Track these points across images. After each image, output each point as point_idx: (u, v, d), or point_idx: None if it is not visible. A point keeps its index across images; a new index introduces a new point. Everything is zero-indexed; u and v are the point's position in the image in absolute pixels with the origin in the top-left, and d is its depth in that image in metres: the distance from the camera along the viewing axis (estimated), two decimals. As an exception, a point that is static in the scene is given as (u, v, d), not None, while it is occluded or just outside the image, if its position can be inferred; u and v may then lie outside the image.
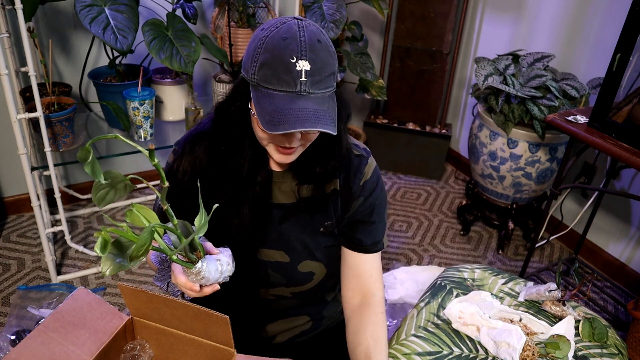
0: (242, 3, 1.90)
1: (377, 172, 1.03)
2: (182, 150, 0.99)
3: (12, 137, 1.67)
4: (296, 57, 0.78)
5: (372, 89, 2.40)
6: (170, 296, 0.79)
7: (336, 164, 0.95)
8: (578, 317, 1.13)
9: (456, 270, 1.28)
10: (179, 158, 0.99)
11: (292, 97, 0.79)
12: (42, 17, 1.96)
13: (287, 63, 0.78)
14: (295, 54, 0.78)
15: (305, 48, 0.79)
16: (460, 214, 2.45)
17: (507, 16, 2.43)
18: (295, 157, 0.90)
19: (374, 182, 1.01)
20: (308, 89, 0.79)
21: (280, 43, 0.79)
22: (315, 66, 0.79)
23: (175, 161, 1.00)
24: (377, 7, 2.11)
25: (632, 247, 2.05)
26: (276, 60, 0.79)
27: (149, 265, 0.94)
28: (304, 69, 0.78)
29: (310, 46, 0.79)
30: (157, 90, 1.96)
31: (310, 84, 0.79)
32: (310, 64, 0.79)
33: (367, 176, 1.00)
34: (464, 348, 1.04)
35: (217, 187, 0.95)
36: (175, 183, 0.98)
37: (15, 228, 2.20)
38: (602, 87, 1.48)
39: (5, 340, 1.56)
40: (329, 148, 0.93)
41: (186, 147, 0.99)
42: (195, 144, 0.98)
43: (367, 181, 1.00)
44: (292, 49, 0.78)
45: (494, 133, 2.09)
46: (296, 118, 0.78)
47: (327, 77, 0.82)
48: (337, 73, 0.86)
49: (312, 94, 0.80)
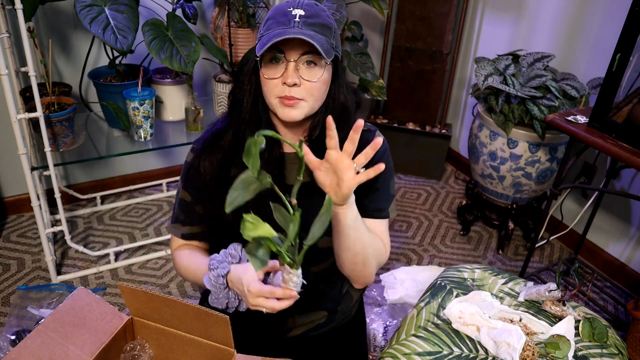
0: (242, 3, 1.90)
1: (385, 144, 1.07)
2: (202, 148, 1.02)
3: (12, 137, 1.67)
4: (293, 7, 0.91)
5: (372, 89, 2.40)
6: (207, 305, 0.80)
7: (343, 135, 0.95)
8: (578, 317, 1.13)
9: (456, 270, 1.29)
10: (200, 155, 1.02)
11: (285, 30, 0.89)
12: (42, 17, 1.96)
13: (285, 11, 0.91)
14: (292, 5, 0.91)
15: (302, 3, 0.92)
16: (460, 214, 2.45)
17: (507, 16, 2.43)
18: (298, 112, 0.93)
19: (382, 152, 1.05)
20: (301, 27, 0.89)
21: (282, 3, 0.93)
22: (309, 13, 0.90)
23: (196, 158, 1.03)
24: (377, 7, 2.11)
25: (632, 247, 2.05)
26: (276, 11, 0.92)
27: (195, 283, 0.97)
28: (299, 14, 0.90)
29: (308, 3, 0.92)
30: (157, 90, 1.96)
31: (304, 24, 0.89)
32: (305, 11, 0.90)
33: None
34: (464, 348, 1.04)
35: (235, 160, 0.98)
36: (198, 180, 1.02)
37: (15, 228, 2.20)
38: (602, 87, 1.48)
39: (5, 340, 1.56)
40: (337, 117, 0.94)
41: (206, 144, 1.02)
42: (216, 141, 1.01)
43: (377, 152, 1.02)
44: (290, 3, 0.92)
45: (494, 133, 2.09)
46: (284, 35, 0.87)
47: (321, 25, 0.91)
48: (336, 33, 0.95)
49: (304, 30, 0.89)
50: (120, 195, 2.46)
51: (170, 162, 2.56)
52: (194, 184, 1.04)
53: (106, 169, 2.41)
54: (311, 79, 0.92)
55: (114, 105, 1.82)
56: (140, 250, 2.13)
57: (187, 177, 1.05)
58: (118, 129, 1.95)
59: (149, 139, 1.87)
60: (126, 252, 2.10)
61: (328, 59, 0.90)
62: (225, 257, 0.93)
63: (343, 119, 0.97)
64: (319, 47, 0.87)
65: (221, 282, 0.91)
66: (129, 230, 2.25)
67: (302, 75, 0.92)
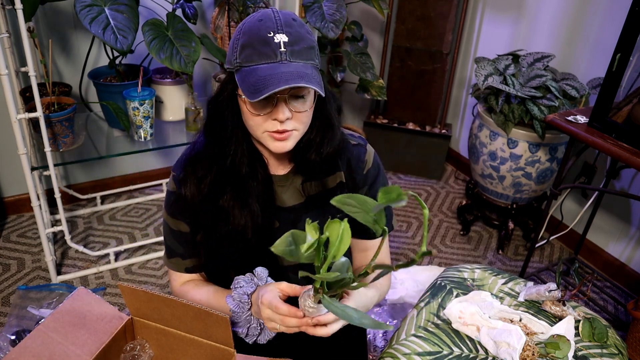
0: (242, 3, 1.90)
1: (376, 158, 1.04)
2: (184, 175, 0.96)
3: (12, 137, 1.67)
4: (273, 31, 0.80)
5: (372, 89, 2.40)
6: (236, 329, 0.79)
7: (331, 150, 0.94)
8: (578, 317, 1.13)
9: (456, 270, 1.28)
10: (183, 182, 0.96)
11: (274, 66, 0.80)
12: (42, 17, 1.96)
13: (265, 37, 0.80)
14: (271, 29, 0.80)
15: (281, 24, 0.81)
16: (460, 214, 2.45)
17: (507, 16, 2.43)
18: (291, 143, 0.89)
19: (376, 169, 1.03)
20: (289, 58, 0.80)
21: (256, 24, 0.81)
22: (293, 38, 0.81)
23: (180, 187, 0.97)
24: (377, 7, 2.11)
25: (632, 247, 2.05)
26: (254, 38, 0.80)
27: (217, 306, 0.94)
28: (282, 41, 0.80)
29: (286, 22, 0.82)
30: (157, 90, 1.96)
31: (291, 54, 0.80)
32: (288, 36, 0.80)
33: (369, 164, 1.02)
34: (464, 348, 1.04)
35: (222, 190, 0.94)
36: (186, 207, 0.96)
37: (15, 228, 2.20)
38: (602, 87, 1.48)
39: (5, 340, 1.56)
40: (322, 134, 0.93)
41: (187, 169, 0.96)
42: (195, 165, 0.96)
43: (369, 169, 1.02)
44: (268, 26, 0.81)
45: (494, 133, 2.09)
46: (279, 79, 0.78)
47: (307, 49, 0.83)
48: (317, 50, 0.87)
49: (293, 62, 0.81)
50: (120, 195, 2.46)
51: (170, 162, 2.56)
52: (187, 214, 0.98)
53: (106, 169, 2.41)
54: (302, 110, 0.86)
55: (114, 105, 1.82)
56: (140, 250, 2.13)
57: (177, 208, 0.99)
58: (118, 129, 1.95)
59: (149, 139, 1.87)
60: (126, 252, 2.10)
61: (322, 93, 0.83)
62: (251, 278, 0.90)
63: (328, 134, 0.94)
64: (316, 86, 0.80)
65: (245, 300, 0.87)
66: (129, 230, 2.25)
67: (292, 108, 0.85)
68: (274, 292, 0.82)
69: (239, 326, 0.89)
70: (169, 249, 1.04)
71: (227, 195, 0.93)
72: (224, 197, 0.93)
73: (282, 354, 0.99)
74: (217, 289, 0.98)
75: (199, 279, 1.07)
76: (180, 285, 1.05)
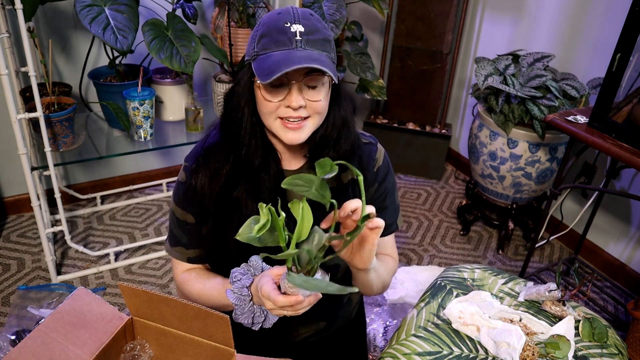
0: (242, 3, 1.90)
1: (386, 157, 1.06)
2: (196, 165, 0.97)
3: (12, 137, 1.67)
4: (290, 22, 0.84)
5: (372, 89, 2.40)
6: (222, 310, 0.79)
7: (348, 147, 0.95)
8: (578, 317, 1.13)
9: (456, 270, 1.28)
10: (195, 173, 0.97)
11: (289, 52, 0.83)
12: (42, 17, 1.96)
13: (282, 27, 0.84)
14: (289, 20, 0.84)
15: (299, 16, 0.85)
16: (460, 214, 2.45)
17: (507, 16, 2.43)
18: (305, 134, 0.90)
19: (386, 167, 1.05)
20: (304, 46, 0.84)
21: (275, 17, 0.85)
22: (309, 29, 0.84)
23: (190, 177, 0.97)
24: (377, 7, 2.11)
25: (632, 247, 2.05)
26: (272, 27, 0.84)
27: (212, 306, 0.94)
28: (298, 30, 0.83)
29: (303, 15, 0.85)
30: (157, 90, 1.96)
31: (306, 42, 0.84)
32: (304, 27, 0.84)
33: (379, 162, 1.04)
34: (464, 348, 1.04)
35: (236, 182, 0.95)
36: (195, 198, 0.97)
37: (15, 228, 2.20)
38: (602, 87, 1.48)
39: (5, 340, 1.57)
40: (338, 131, 0.94)
41: (199, 161, 0.97)
42: (209, 157, 0.96)
43: (380, 167, 1.03)
44: (285, 18, 0.84)
45: (494, 133, 2.09)
46: (292, 61, 0.81)
47: (322, 41, 0.86)
48: (334, 45, 0.90)
49: (308, 50, 0.84)
50: (120, 195, 2.46)
51: (170, 162, 2.56)
52: (195, 205, 0.99)
53: (106, 169, 2.41)
54: (316, 99, 0.88)
55: (114, 105, 1.82)
56: (140, 250, 2.13)
57: (185, 199, 1.00)
58: (118, 129, 1.95)
59: (149, 139, 1.87)
60: (126, 252, 2.10)
61: (335, 79, 0.85)
62: (247, 269, 0.91)
63: (344, 132, 0.95)
64: (329, 70, 0.82)
65: (245, 293, 0.88)
66: (129, 230, 2.25)
67: (306, 96, 0.87)
68: (270, 282, 0.83)
69: (243, 317, 0.90)
70: (173, 237, 1.05)
71: (240, 187, 0.95)
72: (238, 189, 0.95)
73: (282, 354, 0.99)
74: (218, 281, 0.98)
75: (201, 269, 1.08)
76: (180, 273, 1.07)
